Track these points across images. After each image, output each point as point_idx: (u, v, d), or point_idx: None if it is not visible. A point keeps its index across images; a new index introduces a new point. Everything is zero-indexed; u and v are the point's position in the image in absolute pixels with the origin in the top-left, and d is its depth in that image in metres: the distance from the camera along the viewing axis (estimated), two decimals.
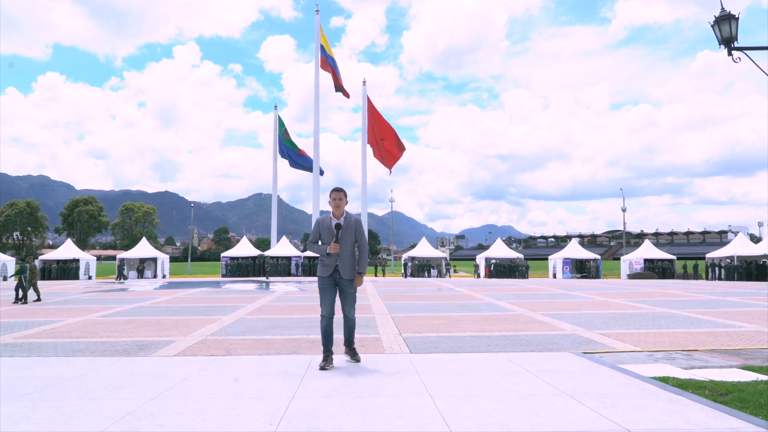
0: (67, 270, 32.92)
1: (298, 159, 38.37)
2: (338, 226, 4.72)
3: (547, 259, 39.68)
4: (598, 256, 37.09)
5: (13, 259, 33.75)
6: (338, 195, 4.76)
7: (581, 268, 35.88)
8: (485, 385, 4.10)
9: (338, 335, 5.06)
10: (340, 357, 5.09)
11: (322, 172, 36.30)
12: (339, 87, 30.79)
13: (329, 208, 4.93)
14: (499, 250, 37.97)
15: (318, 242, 4.85)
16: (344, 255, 4.73)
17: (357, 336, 6.15)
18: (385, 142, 31.60)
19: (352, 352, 5.01)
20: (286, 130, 39.27)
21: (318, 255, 4.84)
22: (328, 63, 30.31)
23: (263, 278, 31.71)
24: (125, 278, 30.87)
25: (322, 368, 4.65)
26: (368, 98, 32.97)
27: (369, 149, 32.62)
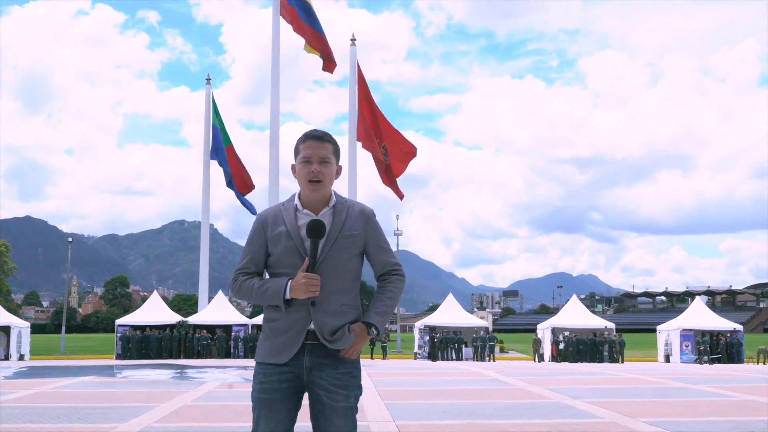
0: None
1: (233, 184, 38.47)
2: (318, 228, 3.27)
3: (654, 330, 39.43)
4: (740, 326, 36.94)
5: None
6: (319, 150, 3.37)
7: (713, 346, 35.65)
8: None
9: None
10: None
11: (253, 210, 36.37)
12: (322, 54, 30.66)
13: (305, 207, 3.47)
14: (576, 316, 37.84)
15: (260, 273, 3.46)
16: (330, 300, 3.31)
17: None
18: (389, 145, 31.61)
19: None
20: (222, 121, 39.66)
21: (261, 306, 3.46)
22: (299, 17, 30.26)
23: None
24: None
25: None
26: (359, 67, 33.40)
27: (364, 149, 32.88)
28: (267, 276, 3.45)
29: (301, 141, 3.41)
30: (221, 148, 38.77)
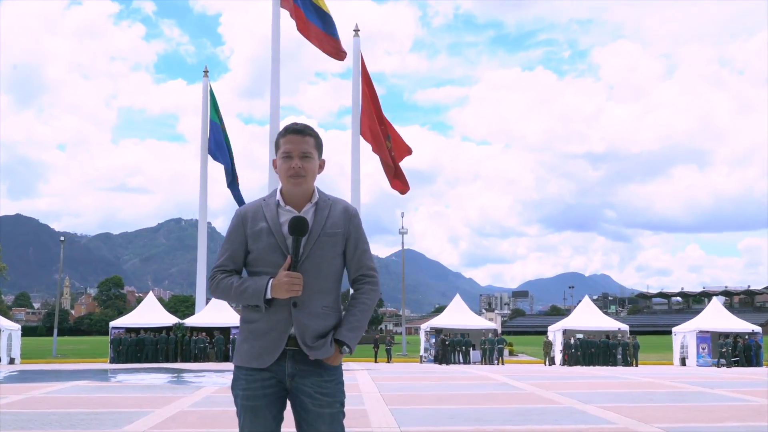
0: None
1: (233, 183, 38.47)
2: (301, 225, 3.22)
3: (670, 332, 39.38)
4: (758, 328, 36.83)
5: None
6: (300, 144, 3.34)
7: (732, 348, 35.56)
8: None
9: None
10: None
11: (242, 202, 36.45)
12: (327, 50, 30.62)
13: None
14: (588, 317, 37.87)
15: (239, 271, 3.41)
16: (312, 301, 3.28)
17: None
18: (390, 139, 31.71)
19: None
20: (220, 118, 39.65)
21: (238, 307, 3.56)
22: (305, 16, 30.07)
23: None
24: None
25: None
26: (363, 59, 33.42)
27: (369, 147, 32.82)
28: (245, 274, 3.41)
29: (281, 135, 3.39)
30: (222, 145, 38.67)
